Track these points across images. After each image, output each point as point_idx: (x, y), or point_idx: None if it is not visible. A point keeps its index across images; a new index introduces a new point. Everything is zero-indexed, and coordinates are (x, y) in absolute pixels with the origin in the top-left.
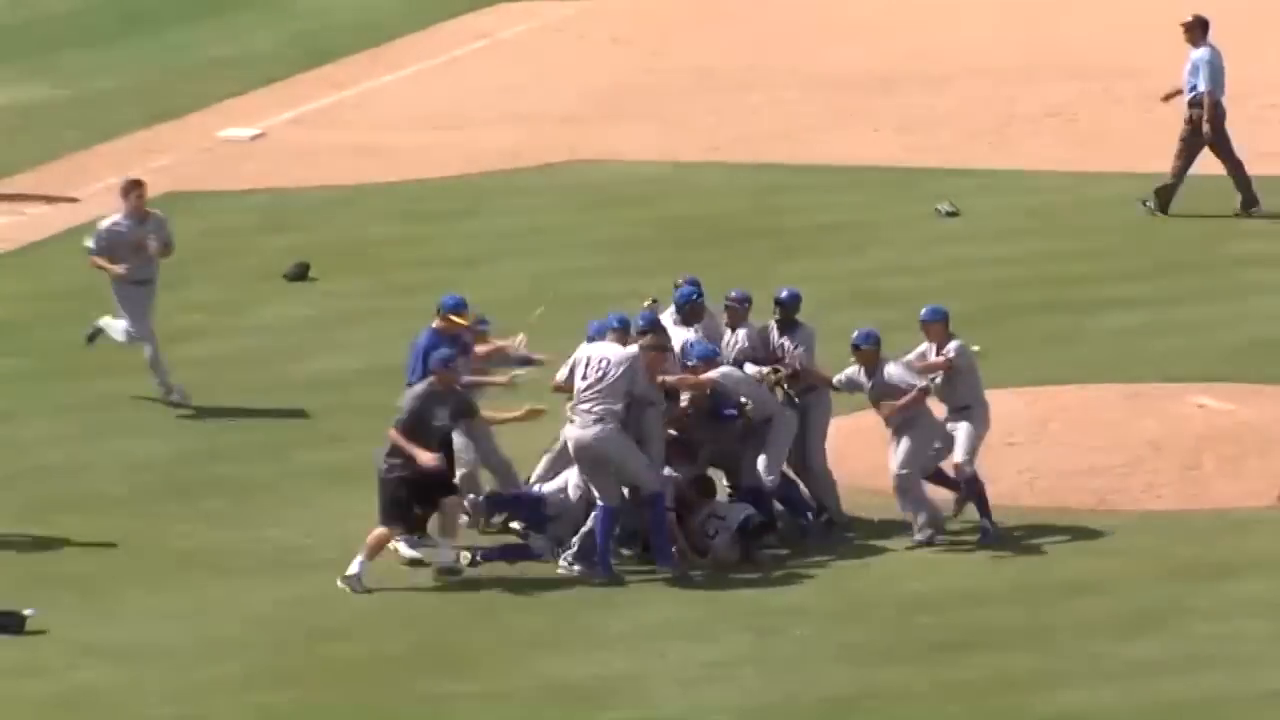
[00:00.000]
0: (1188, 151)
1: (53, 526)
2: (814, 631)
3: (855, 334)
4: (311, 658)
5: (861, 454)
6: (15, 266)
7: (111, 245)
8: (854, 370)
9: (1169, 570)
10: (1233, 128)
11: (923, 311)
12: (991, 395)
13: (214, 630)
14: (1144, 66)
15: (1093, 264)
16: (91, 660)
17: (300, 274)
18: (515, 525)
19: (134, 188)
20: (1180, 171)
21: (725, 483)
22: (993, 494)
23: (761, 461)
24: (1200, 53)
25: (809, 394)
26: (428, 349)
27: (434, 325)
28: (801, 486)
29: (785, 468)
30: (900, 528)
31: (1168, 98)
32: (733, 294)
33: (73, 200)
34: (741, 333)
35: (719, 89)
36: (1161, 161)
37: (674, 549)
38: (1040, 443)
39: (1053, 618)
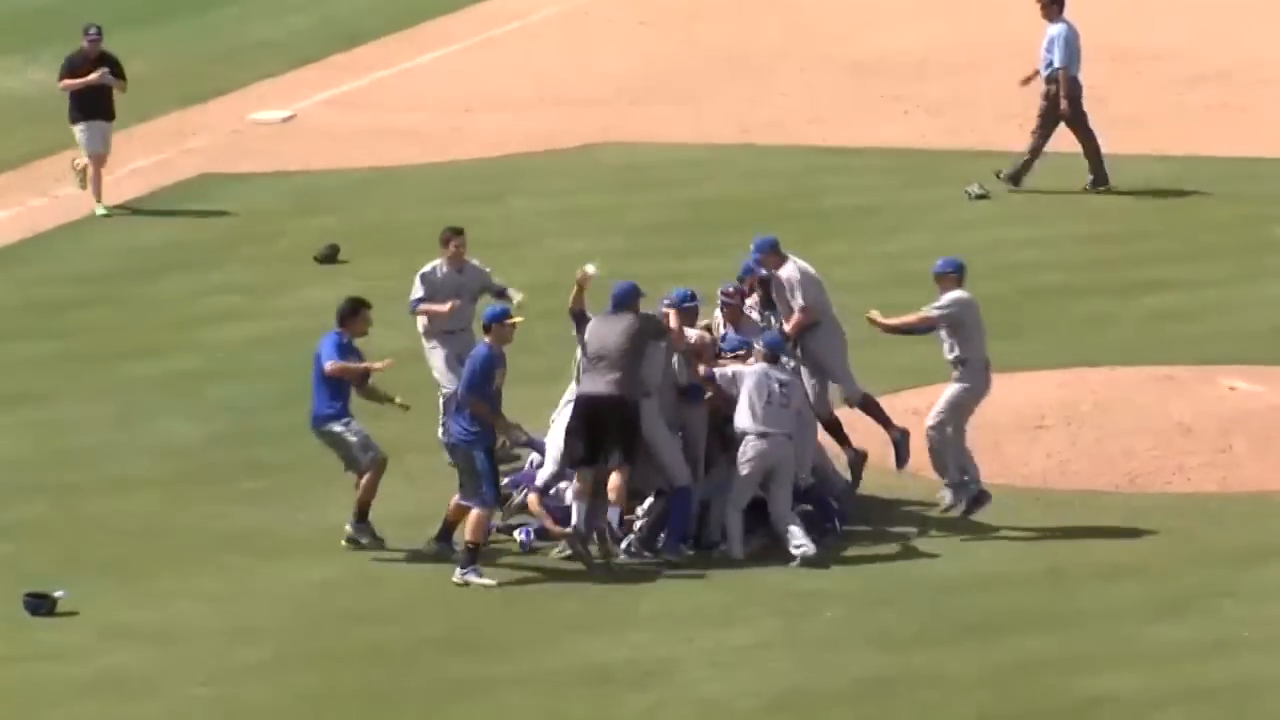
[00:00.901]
0: (1044, 128)
1: (87, 509)
2: (844, 615)
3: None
4: (345, 640)
5: (880, 434)
6: (46, 250)
7: (431, 293)
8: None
9: (1200, 553)
10: (1260, 111)
11: (936, 264)
12: (1022, 377)
13: (248, 612)
14: (1174, 48)
15: (1124, 247)
16: (126, 642)
17: (331, 256)
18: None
19: (453, 236)
20: (1036, 149)
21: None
22: (1023, 476)
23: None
24: (1056, 28)
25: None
26: (486, 362)
27: (487, 340)
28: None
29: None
30: (924, 508)
31: (1026, 81)
32: (727, 288)
33: None
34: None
35: (749, 73)
36: (1189, 144)
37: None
38: (1071, 425)
39: (1083, 601)
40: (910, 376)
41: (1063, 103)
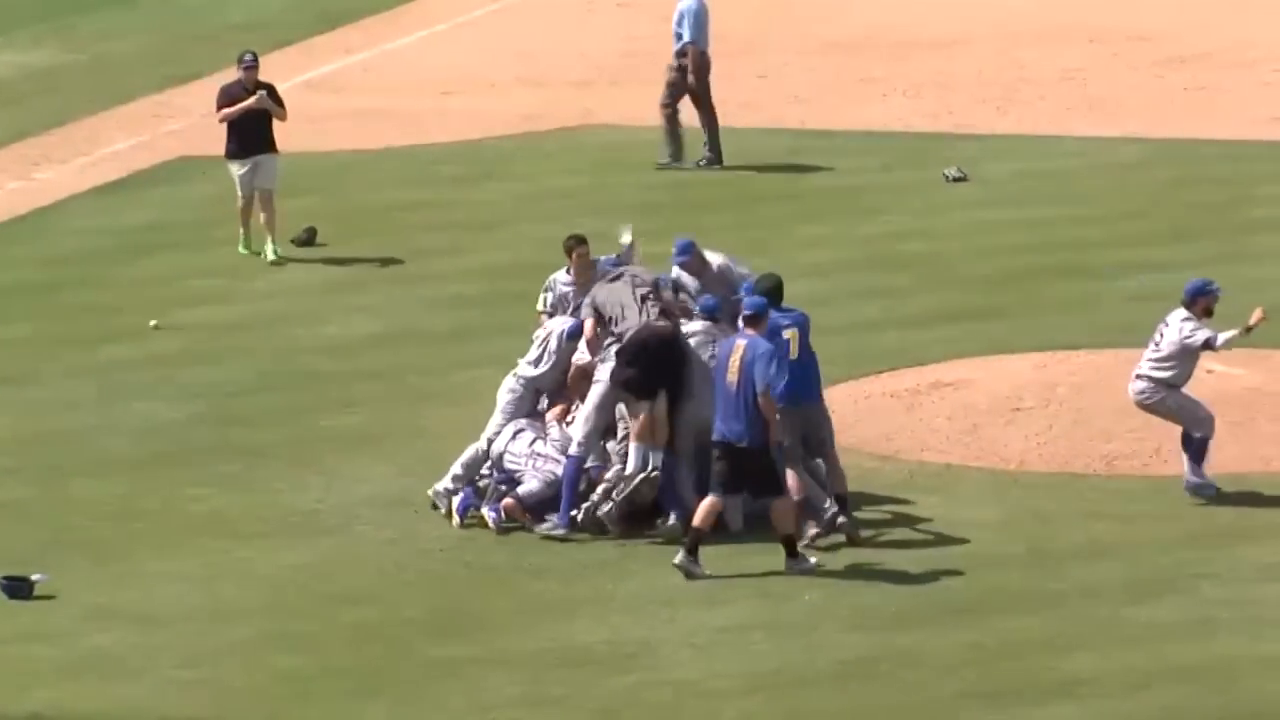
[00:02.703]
0: (673, 101)
1: (66, 491)
2: (825, 596)
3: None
4: (325, 622)
5: (870, 421)
6: (24, 232)
7: (559, 304)
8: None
9: (1179, 535)
10: (1240, 93)
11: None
12: (1001, 360)
13: (227, 594)
14: (1154, 30)
15: (1103, 229)
16: (105, 624)
17: (309, 239)
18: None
19: (577, 245)
20: (674, 118)
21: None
22: (1001, 458)
23: None
24: (687, 3)
25: None
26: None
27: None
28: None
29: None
30: (906, 491)
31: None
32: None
33: None
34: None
35: (729, 54)
36: (1169, 125)
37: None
38: (1049, 407)
39: (1063, 582)
40: (891, 359)
41: (690, 78)
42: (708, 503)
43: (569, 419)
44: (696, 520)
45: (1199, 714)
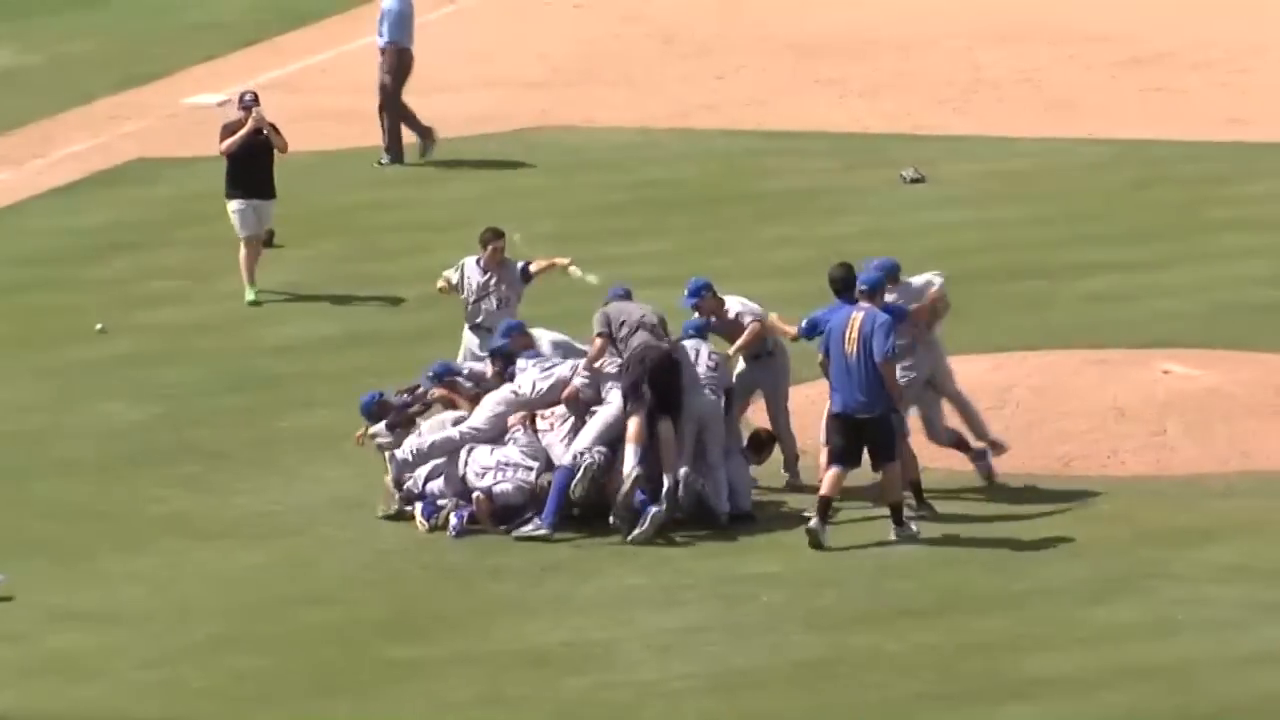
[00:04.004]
0: (388, 94)
1: (26, 492)
2: (784, 597)
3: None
4: (284, 623)
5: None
6: None
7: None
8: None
9: (1136, 536)
10: (1198, 94)
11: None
12: (958, 361)
13: (187, 595)
14: (1112, 31)
15: (1061, 230)
16: (65, 625)
17: (268, 240)
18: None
19: (494, 239)
20: (402, 122)
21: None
22: (959, 459)
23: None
24: (388, 4)
25: None
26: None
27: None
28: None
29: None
30: (866, 493)
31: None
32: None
33: None
34: None
35: (687, 55)
36: (1126, 126)
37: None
38: (1006, 409)
39: (1022, 583)
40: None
41: (385, 77)
42: (834, 473)
43: (542, 424)
44: (825, 490)
45: (1158, 714)
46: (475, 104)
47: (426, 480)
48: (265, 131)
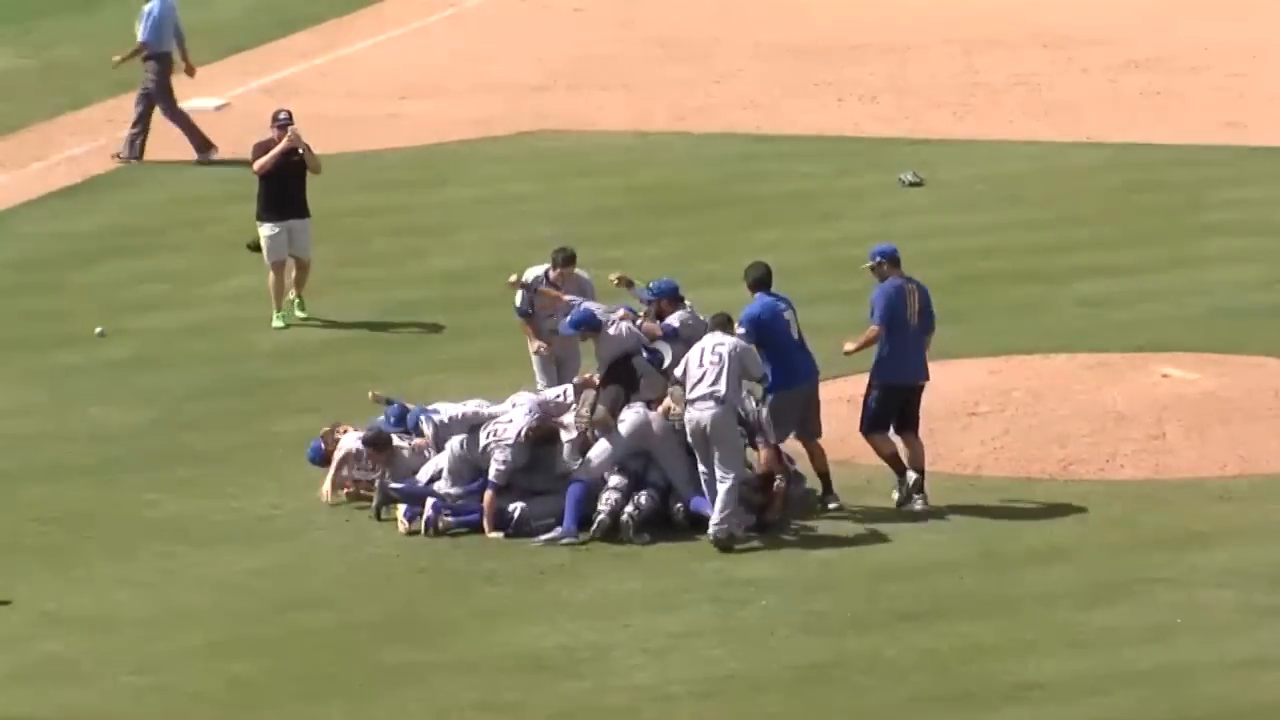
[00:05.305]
0: (148, 101)
1: (18, 496)
2: (780, 601)
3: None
4: (280, 627)
5: (826, 425)
6: None
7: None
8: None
9: (1134, 539)
10: (1194, 98)
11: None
12: (957, 365)
13: (182, 600)
14: (1108, 35)
15: (1059, 234)
16: (59, 630)
17: (253, 247)
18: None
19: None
20: (144, 119)
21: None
22: (957, 463)
23: None
24: (149, 5)
25: None
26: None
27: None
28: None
29: None
30: (863, 496)
31: (122, 60)
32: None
33: None
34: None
35: (684, 59)
36: (1123, 130)
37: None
38: (1005, 412)
39: (1019, 587)
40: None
41: (150, 76)
42: (881, 436)
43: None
44: (886, 452)
45: (1153, 718)
46: (474, 107)
47: (429, 481)
48: (301, 151)
